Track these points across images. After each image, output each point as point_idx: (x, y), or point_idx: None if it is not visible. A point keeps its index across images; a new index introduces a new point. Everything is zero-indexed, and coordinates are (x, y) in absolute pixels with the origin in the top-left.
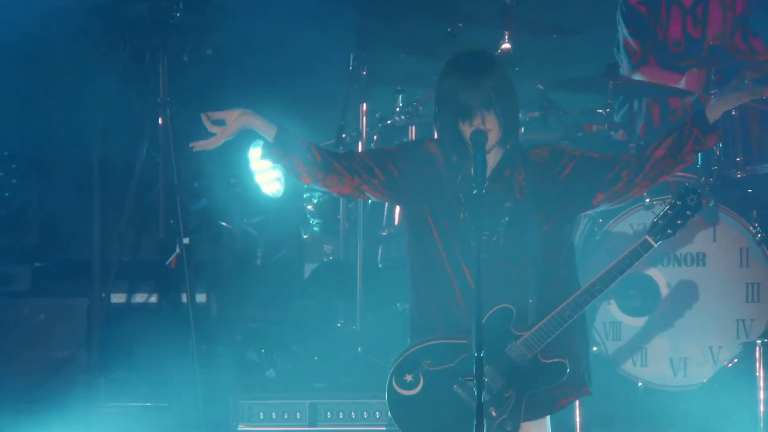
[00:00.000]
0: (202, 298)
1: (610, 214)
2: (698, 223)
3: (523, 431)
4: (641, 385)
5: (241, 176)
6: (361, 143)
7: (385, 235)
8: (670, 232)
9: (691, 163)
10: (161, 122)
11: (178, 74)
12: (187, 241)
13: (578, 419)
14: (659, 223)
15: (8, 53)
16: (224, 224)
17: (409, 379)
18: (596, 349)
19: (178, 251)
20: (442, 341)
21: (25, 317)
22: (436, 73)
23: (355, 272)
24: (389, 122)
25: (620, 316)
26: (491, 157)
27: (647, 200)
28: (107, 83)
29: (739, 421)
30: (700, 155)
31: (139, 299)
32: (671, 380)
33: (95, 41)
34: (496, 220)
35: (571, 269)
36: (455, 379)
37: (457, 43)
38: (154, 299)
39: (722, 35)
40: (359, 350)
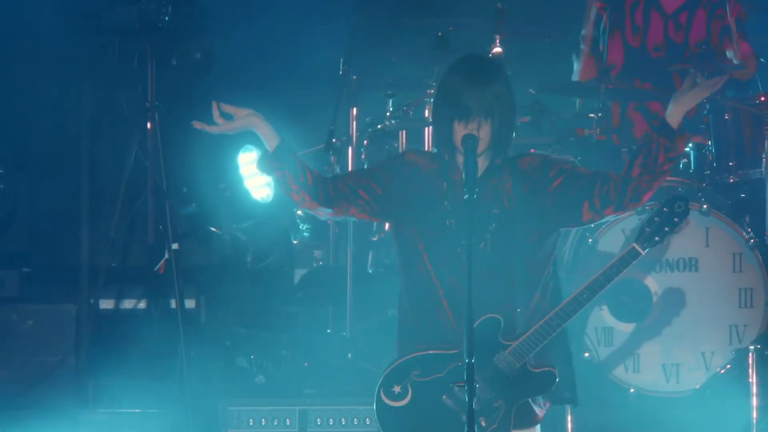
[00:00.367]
0: (191, 303)
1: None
2: (691, 228)
3: None
4: (633, 391)
5: (230, 181)
6: (351, 148)
7: (375, 240)
8: (657, 239)
9: (670, 173)
10: (150, 127)
11: (166, 78)
12: (176, 246)
13: (570, 426)
14: (646, 230)
15: None
16: (213, 229)
17: (397, 390)
18: (588, 355)
19: (167, 256)
20: (430, 352)
21: (13, 323)
22: (427, 77)
23: (345, 278)
24: (379, 127)
25: (612, 321)
26: (478, 163)
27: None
28: (95, 87)
29: (732, 427)
30: (693, 160)
31: (127, 305)
32: (663, 386)
33: (84, 44)
34: (483, 227)
35: (556, 281)
36: (444, 389)
37: (448, 47)
38: (142, 305)
39: (705, 42)
40: (349, 356)
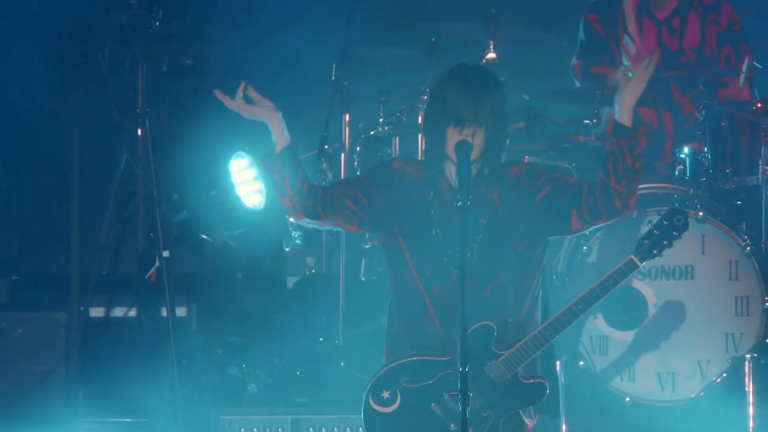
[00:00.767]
0: (182, 311)
1: (597, 226)
2: (687, 235)
3: None
4: (629, 400)
5: (221, 188)
6: (343, 154)
7: (368, 248)
8: (655, 252)
9: (642, 170)
10: (140, 133)
11: (157, 84)
12: (167, 253)
13: None
14: (645, 242)
15: None
16: (205, 237)
17: (386, 395)
18: (583, 363)
19: (157, 264)
20: (421, 358)
21: (2, 331)
22: (420, 83)
23: (337, 286)
24: (372, 133)
25: (607, 330)
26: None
27: (635, 213)
28: (86, 93)
29: None
30: (689, 166)
31: (118, 313)
32: (659, 395)
33: (74, 50)
34: (470, 236)
35: (544, 291)
36: (433, 397)
37: (441, 52)
38: (133, 313)
39: (700, 48)
40: (342, 365)
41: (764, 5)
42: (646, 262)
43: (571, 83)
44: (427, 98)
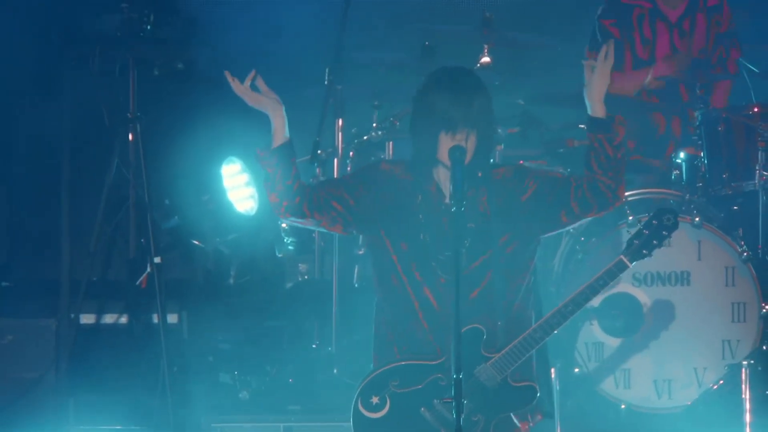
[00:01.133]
0: (173, 318)
1: (592, 232)
2: (683, 241)
3: None
4: (624, 407)
5: (213, 193)
6: (336, 159)
7: (361, 254)
8: (645, 252)
9: (625, 159)
10: (131, 138)
11: (148, 89)
12: (158, 260)
13: None
14: (635, 242)
15: None
16: (196, 243)
17: (375, 401)
18: (578, 370)
19: (149, 270)
20: (410, 362)
21: None
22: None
23: (330, 292)
24: (366, 138)
25: (603, 336)
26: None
27: (630, 217)
28: (76, 98)
29: None
30: (685, 172)
31: (108, 320)
32: (655, 402)
33: (64, 54)
34: (459, 241)
35: (536, 291)
36: (422, 401)
37: (435, 57)
38: (124, 320)
39: (705, 50)
40: (335, 372)
41: (759, 9)
42: (636, 262)
43: (565, 87)
44: (412, 105)
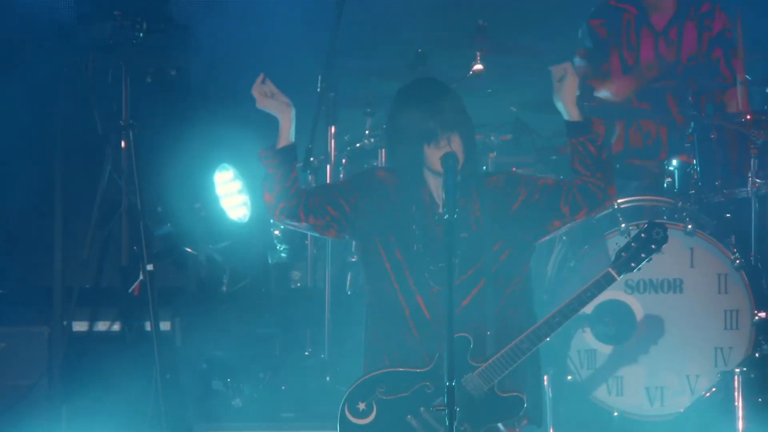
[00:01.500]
0: (166, 326)
1: (584, 239)
2: (675, 248)
3: None
4: (617, 414)
5: (206, 201)
6: (329, 167)
7: (354, 261)
8: (633, 265)
9: (610, 160)
10: (124, 145)
11: (141, 96)
12: (150, 267)
13: None
14: (623, 255)
15: None
16: (189, 250)
17: (362, 407)
18: (570, 378)
19: (141, 278)
20: (397, 369)
21: None
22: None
23: (323, 299)
24: (358, 145)
25: (595, 343)
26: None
27: (623, 225)
28: (68, 105)
29: None
30: (677, 179)
31: (101, 327)
32: (647, 410)
33: (56, 61)
34: (451, 251)
35: (528, 296)
36: (409, 408)
37: (427, 64)
38: (116, 327)
39: (696, 56)
40: (328, 379)
41: (750, 16)
42: (624, 275)
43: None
44: (387, 129)
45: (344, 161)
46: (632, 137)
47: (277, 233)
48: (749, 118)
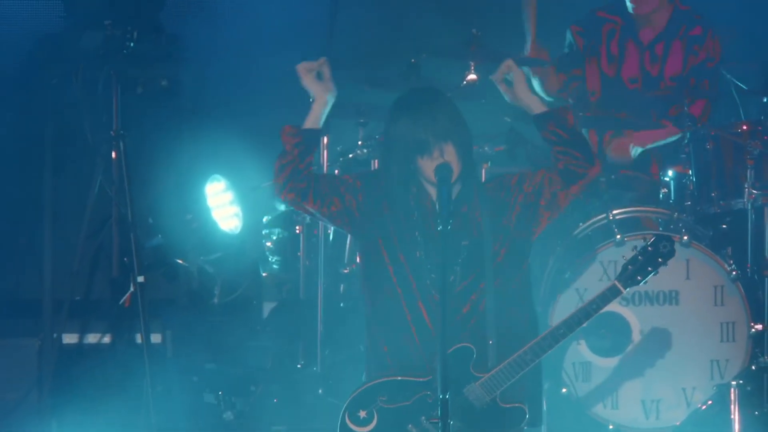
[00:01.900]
0: (157, 338)
1: (579, 251)
2: (671, 260)
3: None
4: (612, 428)
5: (197, 212)
6: None
7: (346, 272)
8: (639, 278)
9: (581, 137)
10: (114, 156)
11: (132, 106)
12: (141, 279)
13: None
14: (629, 268)
15: None
16: (180, 262)
17: (362, 415)
18: (565, 390)
19: (132, 289)
20: (399, 378)
21: None
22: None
23: (315, 311)
24: (351, 156)
25: (590, 356)
26: (453, 189)
27: (618, 236)
28: (59, 115)
29: None
30: (673, 190)
31: (91, 339)
32: (643, 423)
33: (47, 71)
34: (452, 259)
35: (528, 289)
36: (410, 418)
37: (421, 73)
38: (107, 339)
39: (680, 77)
40: (320, 392)
41: (745, 27)
42: (630, 288)
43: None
44: (383, 141)
45: (337, 172)
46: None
47: (269, 245)
48: (745, 128)
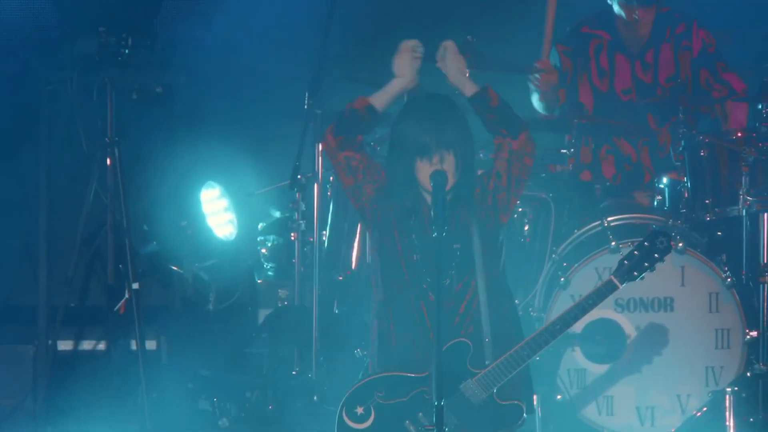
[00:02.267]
0: (152, 345)
1: (575, 257)
2: (666, 267)
3: None
4: None
5: (192, 219)
6: (316, 184)
7: (341, 279)
8: (636, 274)
9: (505, 112)
10: (109, 162)
11: (126, 113)
12: (136, 286)
13: None
14: (625, 263)
15: None
16: (175, 268)
17: (360, 411)
18: (560, 397)
19: (127, 296)
20: (396, 374)
21: None
22: (393, 112)
23: (310, 318)
24: None
25: (585, 363)
26: (446, 195)
27: (613, 243)
28: (54, 122)
29: None
30: (668, 197)
31: (87, 346)
32: (638, 429)
33: (41, 78)
34: (446, 263)
35: (505, 279)
36: (407, 414)
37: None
38: (102, 346)
39: (676, 77)
40: (315, 399)
41: (742, 32)
42: (626, 284)
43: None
44: (390, 137)
45: (332, 179)
46: (604, 162)
47: (263, 251)
48: (740, 135)
